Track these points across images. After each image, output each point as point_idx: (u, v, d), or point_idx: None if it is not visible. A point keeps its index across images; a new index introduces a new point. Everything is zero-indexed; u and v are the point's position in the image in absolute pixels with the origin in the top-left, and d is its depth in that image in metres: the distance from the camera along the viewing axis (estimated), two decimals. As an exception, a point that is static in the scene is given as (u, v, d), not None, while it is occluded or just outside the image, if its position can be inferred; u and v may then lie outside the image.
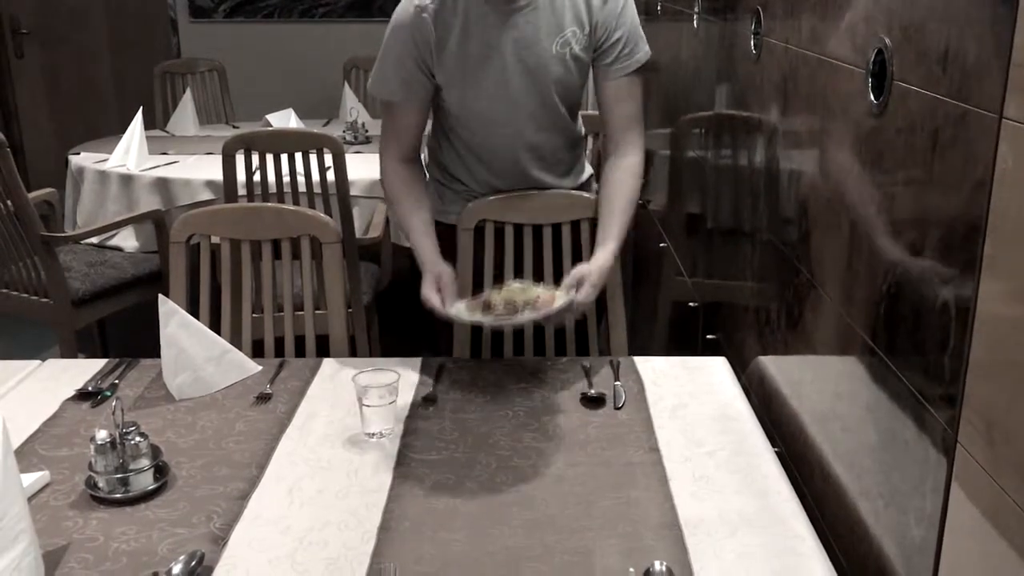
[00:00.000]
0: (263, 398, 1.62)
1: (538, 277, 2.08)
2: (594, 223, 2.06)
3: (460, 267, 2.02)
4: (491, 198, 2.05)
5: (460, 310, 1.64)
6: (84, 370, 1.73)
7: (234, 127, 4.13)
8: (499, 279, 2.04)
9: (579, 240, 2.07)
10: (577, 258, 2.06)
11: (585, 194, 2.10)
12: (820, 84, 1.45)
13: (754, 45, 1.87)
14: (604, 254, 1.83)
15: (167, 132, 4.04)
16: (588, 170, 2.17)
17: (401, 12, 1.83)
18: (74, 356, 2.92)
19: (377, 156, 1.98)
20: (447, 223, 2.01)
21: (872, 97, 1.22)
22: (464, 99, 1.88)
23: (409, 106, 1.89)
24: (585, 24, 1.87)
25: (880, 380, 1.19)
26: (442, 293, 1.72)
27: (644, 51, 1.97)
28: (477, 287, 2.03)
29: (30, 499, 1.27)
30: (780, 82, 1.68)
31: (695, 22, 2.57)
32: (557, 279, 2.08)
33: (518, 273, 2.07)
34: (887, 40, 1.18)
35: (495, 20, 1.81)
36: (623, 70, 1.95)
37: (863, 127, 1.26)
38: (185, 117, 4.06)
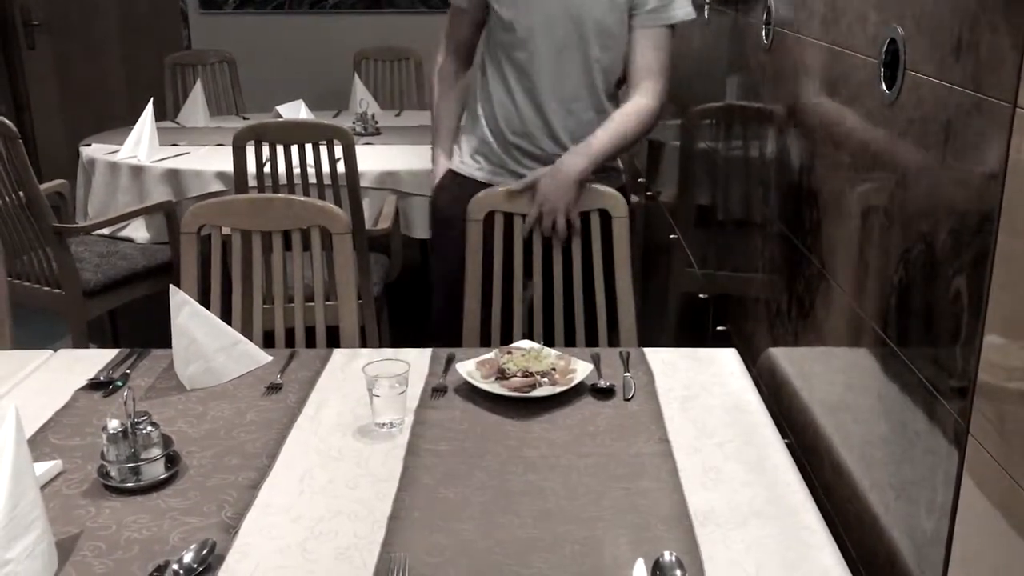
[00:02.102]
0: (274, 388, 1.63)
1: (547, 269, 2.09)
2: (604, 213, 2.06)
3: (469, 259, 2.02)
4: (500, 189, 2.05)
5: (472, 373, 1.61)
6: (96, 360, 1.73)
7: (244, 118, 4.14)
8: (508, 271, 2.04)
9: (589, 232, 2.07)
10: (587, 250, 2.06)
11: (594, 185, 2.09)
12: (832, 74, 1.45)
13: (765, 35, 1.86)
14: (576, 153, 2.03)
15: (178, 123, 4.05)
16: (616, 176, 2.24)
17: None
18: (86, 346, 2.94)
19: (387, 148, 2.04)
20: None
21: (884, 87, 1.21)
22: (514, 11, 2.06)
23: (469, 16, 2.16)
24: None
25: (891, 371, 1.19)
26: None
27: (685, 10, 2.04)
28: (487, 280, 2.03)
29: (43, 487, 1.27)
30: (792, 72, 1.67)
31: (706, 12, 2.56)
32: (566, 272, 2.08)
33: (527, 266, 2.07)
34: (900, 29, 1.17)
35: None
36: (654, 21, 2.03)
37: (875, 117, 1.26)
38: (196, 109, 4.06)
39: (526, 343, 1.71)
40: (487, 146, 2.18)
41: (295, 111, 3.78)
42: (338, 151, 2.90)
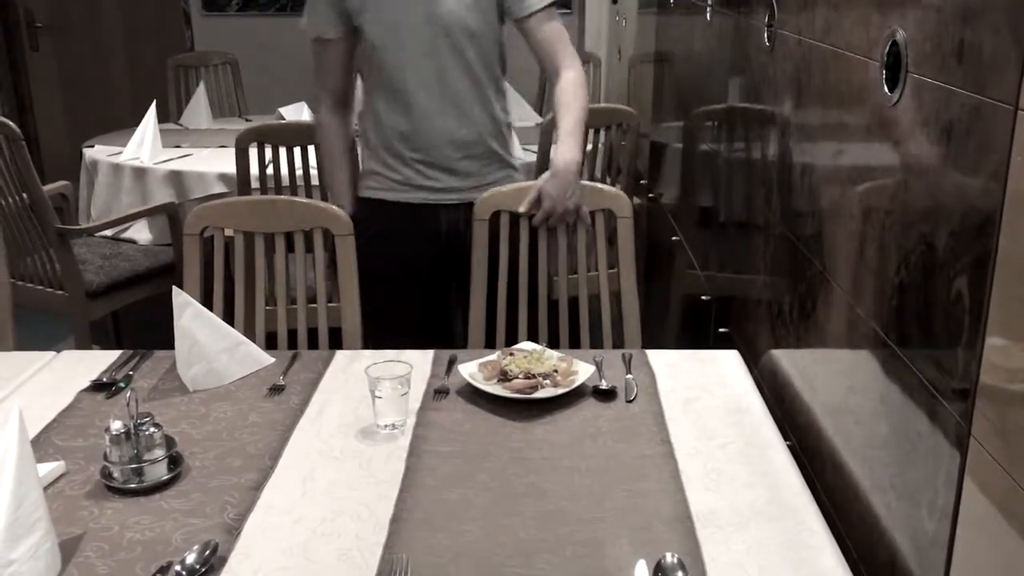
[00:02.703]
0: (276, 390, 1.63)
1: (552, 266, 2.09)
2: (610, 213, 2.07)
3: (476, 258, 2.03)
4: (506, 188, 2.05)
5: (474, 375, 1.61)
6: (99, 361, 1.74)
7: (247, 120, 4.14)
8: (514, 269, 2.05)
9: (593, 230, 2.07)
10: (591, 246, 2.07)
11: (600, 186, 2.10)
12: (834, 76, 1.45)
13: (768, 37, 1.86)
14: (563, 148, 2.06)
15: (180, 125, 4.05)
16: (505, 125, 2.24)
17: None
18: (88, 347, 2.94)
19: None
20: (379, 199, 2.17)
21: (887, 89, 1.21)
22: (384, 39, 2.06)
23: (339, 42, 2.11)
24: None
25: (893, 373, 1.19)
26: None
27: None
28: (492, 279, 2.03)
29: (46, 489, 1.28)
30: (794, 74, 1.67)
31: (708, 15, 2.57)
32: (572, 271, 2.09)
33: (532, 265, 2.08)
34: (902, 32, 1.17)
35: None
36: (528, 9, 2.08)
37: (877, 119, 1.26)
38: (198, 110, 4.07)
39: (528, 345, 1.71)
40: (390, 168, 2.16)
41: (297, 113, 3.79)
42: (340, 153, 2.90)
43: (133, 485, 1.31)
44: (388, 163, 2.16)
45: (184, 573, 1.12)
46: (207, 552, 1.15)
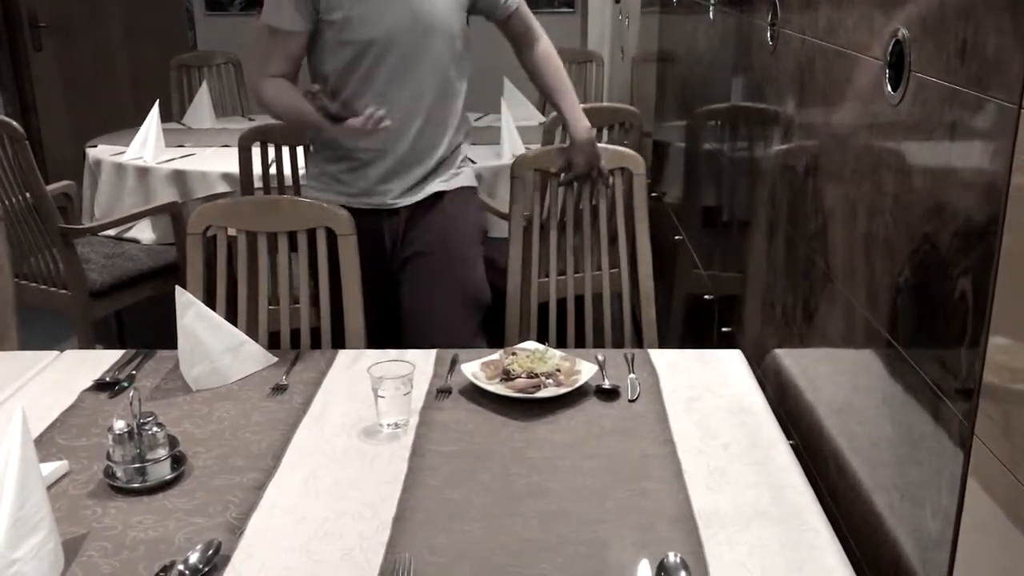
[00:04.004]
0: (279, 389, 1.63)
1: (577, 224, 2.21)
2: (627, 172, 2.23)
3: (514, 212, 2.21)
4: (539, 150, 2.31)
5: (477, 374, 1.61)
6: (102, 361, 1.74)
7: (250, 119, 4.14)
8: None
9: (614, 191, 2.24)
10: (611, 209, 2.27)
11: (617, 147, 2.31)
12: (837, 75, 1.44)
13: (770, 36, 1.86)
14: (577, 122, 2.22)
15: (183, 125, 4.05)
16: (463, 132, 2.27)
17: None
18: (92, 347, 2.94)
19: None
20: (356, 207, 2.11)
21: (889, 88, 1.21)
22: (356, 32, 2.05)
23: (298, 36, 2.09)
24: None
25: (896, 373, 1.19)
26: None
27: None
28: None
29: (49, 488, 1.28)
30: (797, 73, 1.67)
31: (711, 13, 2.56)
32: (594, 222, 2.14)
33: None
34: (905, 31, 1.17)
35: None
36: (506, 11, 2.22)
37: (880, 118, 1.25)
38: (201, 110, 4.07)
39: (531, 344, 1.71)
40: (340, 177, 2.18)
41: (300, 112, 3.78)
42: (343, 152, 2.90)
43: (136, 484, 1.31)
44: (339, 172, 2.17)
45: (187, 572, 1.12)
46: (210, 551, 1.15)
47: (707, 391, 1.62)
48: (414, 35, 2.07)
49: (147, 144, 3.38)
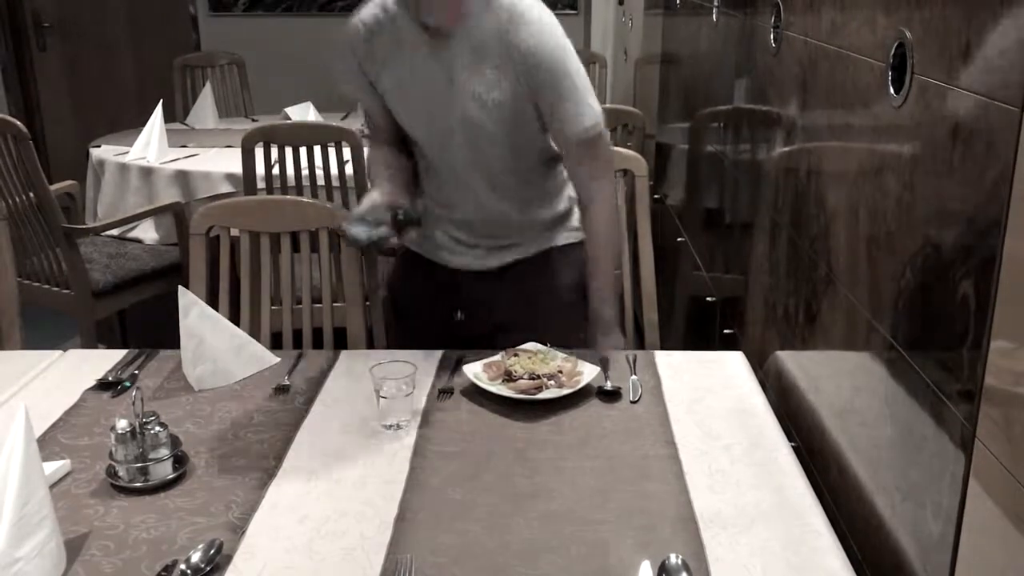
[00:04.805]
0: (281, 389, 1.63)
1: None
2: (629, 174, 2.14)
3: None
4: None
5: (478, 375, 1.61)
6: (104, 360, 1.74)
7: (253, 120, 4.15)
8: None
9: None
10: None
11: (619, 149, 2.14)
12: (840, 78, 1.45)
13: (773, 39, 1.86)
14: (599, 309, 1.87)
15: (187, 125, 4.06)
16: (567, 197, 1.97)
17: (347, 24, 1.84)
18: (94, 347, 2.95)
19: None
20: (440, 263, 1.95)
21: (892, 91, 1.21)
22: (401, 117, 1.87)
23: (377, 108, 1.89)
24: (509, 74, 1.73)
25: (898, 375, 1.19)
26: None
27: (585, 124, 1.77)
28: None
29: (51, 487, 1.28)
30: (799, 76, 1.67)
31: (714, 16, 2.56)
32: None
33: None
34: (907, 33, 1.17)
35: (421, 45, 1.76)
36: (560, 134, 1.81)
37: (883, 121, 1.26)
38: (205, 110, 4.08)
39: (533, 345, 1.71)
40: (431, 235, 1.95)
41: (304, 113, 3.80)
42: (347, 153, 2.91)
43: (138, 484, 1.31)
44: (432, 231, 1.96)
45: (189, 572, 1.12)
46: (212, 551, 1.15)
47: (709, 393, 1.62)
48: (455, 134, 1.81)
49: (151, 144, 3.38)
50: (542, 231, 1.94)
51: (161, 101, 3.60)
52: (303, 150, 2.93)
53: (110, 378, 1.66)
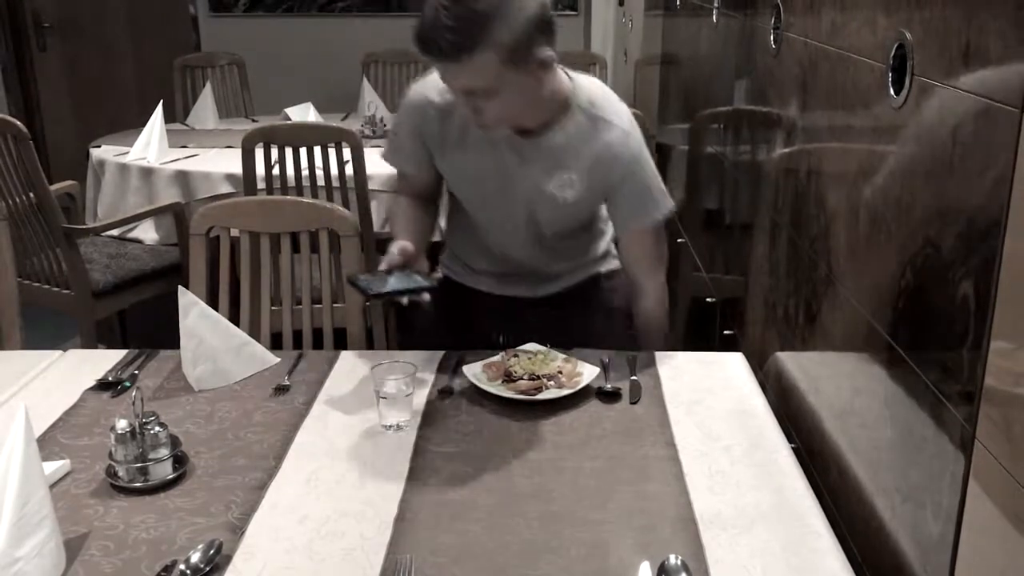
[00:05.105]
0: (281, 389, 1.63)
1: None
2: None
3: None
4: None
5: (478, 375, 1.61)
6: (104, 360, 1.74)
7: (253, 121, 4.15)
8: None
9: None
10: None
11: None
12: (840, 79, 1.45)
13: (774, 40, 1.86)
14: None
15: (187, 125, 4.06)
16: (606, 241, 2.00)
17: (414, 94, 1.80)
18: (94, 347, 2.95)
19: None
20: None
21: (892, 92, 1.21)
22: (460, 192, 1.87)
23: (420, 177, 1.87)
24: (586, 176, 1.75)
25: (898, 376, 1.19)
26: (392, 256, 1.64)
27: (660, 212, 1.81)
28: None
29: (51, 487, 1.28)
30: (800, 77, 1.67)
31: (714, 17, 2.57)
32: None
33: None
34: (908, 34, 1.17)
35: (494, 141, 1.74)
36: (629, 224, 1.83)
37: (883, 122, 1.26)
38: (205, 111, 4.08)
39: (533, 346, 1.71)
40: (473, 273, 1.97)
41: (304, 113, 3.79)
42: (346, 153, 2.91)
43: (138, 484, 1.31)
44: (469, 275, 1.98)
45: (189, 572, 1.12)
46: (211, 551, 1.15)
47: (709, 394, 1.62)
48: (521, 218, 1.82)
49: (151, 144, 3.38)
50: (587, 266, 1.97)
51: (161, 101, 3.60)
52: (303, 150, 2.92)
53: (110, 378, 1.66)
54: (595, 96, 1.76)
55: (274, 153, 2.92)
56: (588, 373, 1.61)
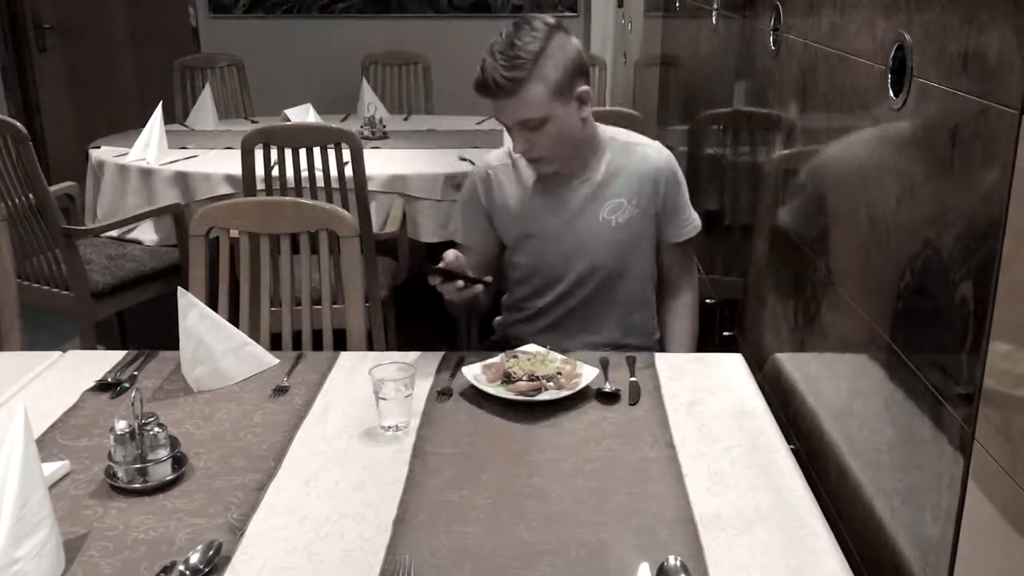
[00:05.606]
0: (281, 390, 1.63)
1: None
2: None
3: None
4: None
5: (478, 377, 1.61)
6: (104, 361, 1.74)
7: (253, 122, 4.15)
8: None
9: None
10: None
11: None
12: (839, 80, 1.45)
13: (773, 41, 1.86)
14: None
15: (187, 126, 4.06)
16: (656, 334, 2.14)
17: (476, 170, 2.02)
18: (94, 348, 2.95)
19: (395, 152, 2.02)
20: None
21: (892, 93, 1.21)
22: (523, 253, 2.00)
23: (479, 252, 1.99)
24: (634, 195, 1.94)
25: (897, 377, 1.19)
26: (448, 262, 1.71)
27: (695, 223, 2.05)
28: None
29: (50, 488, 1.28)
30: (799, 78, 1.67)
31: (714, 18, 2.57)
32: None
33: None
34: (907, 36, 1.17)
35: (547, 188, 1.94)
36: (676, 238, 2.03)
37: (882, 123, 1.26)
38: (204, 112, 4.08)
39: (532, 347, 1.71)
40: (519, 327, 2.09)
41: (303, 115, 3.79)
42: (346, 155, 2.91)
43: (137, 485, 1.31)
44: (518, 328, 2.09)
45: (188, 573, 1.12)
46: (211, 552, 1.15)
47: (708, 395, 1.62)
48: (583, 277, 1.98)
49: (150, 145, 3.38)
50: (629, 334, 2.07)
51: (161, 102, 3.60)
52: (303, 152, 2.92)
53: (109, 379, 1.66)
54: (620, 132, 2.01)
55: (273, 154, 2.92)
56: (587, 374, 1.61)
